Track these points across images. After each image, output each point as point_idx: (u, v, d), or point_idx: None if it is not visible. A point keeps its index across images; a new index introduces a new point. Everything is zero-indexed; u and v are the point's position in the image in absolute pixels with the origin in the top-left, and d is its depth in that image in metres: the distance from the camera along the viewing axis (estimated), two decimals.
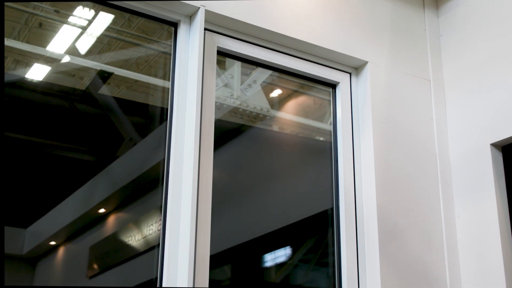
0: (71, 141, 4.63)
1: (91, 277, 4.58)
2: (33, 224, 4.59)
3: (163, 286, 2.48)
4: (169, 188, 2.60)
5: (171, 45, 2.81)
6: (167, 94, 2.78)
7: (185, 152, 2.63)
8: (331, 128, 3.20)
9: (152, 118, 4.00)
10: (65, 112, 4.43)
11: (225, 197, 3.60)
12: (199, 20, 2.71)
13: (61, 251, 4.74)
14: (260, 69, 3.49)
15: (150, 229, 4.15)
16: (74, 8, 3.54)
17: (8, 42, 3.65)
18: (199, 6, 2.72)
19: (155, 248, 3.54)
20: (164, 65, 3.19)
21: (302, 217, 3.68)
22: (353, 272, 2.95)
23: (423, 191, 3.10)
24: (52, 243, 4.72)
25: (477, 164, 3.04)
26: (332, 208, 3.07)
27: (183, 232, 2.54)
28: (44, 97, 4.24)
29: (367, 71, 3.15)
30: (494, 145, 3.02)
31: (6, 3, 2.87)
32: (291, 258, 4.04)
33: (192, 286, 2.44)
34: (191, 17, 2.78)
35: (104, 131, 4.68)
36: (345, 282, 2.94)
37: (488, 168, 2.99)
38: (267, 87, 3.77)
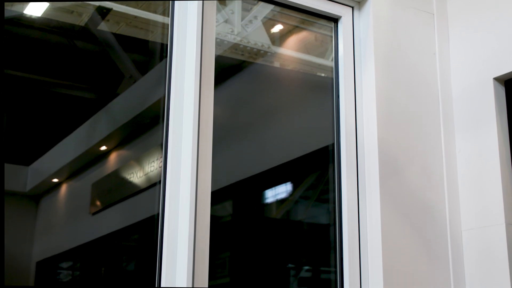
0: (70, 78, 4.60)
1: (94, 214, 4.63)
2: (35, 161, 4.60)
3: (164, 222, 2.50)
4: (170, 125, 2.59)
5: None
6: (167, 30, 2.75)
7: (186, 89, 2.62)
8: (332, 64, 3.17)
9: (152, 54, 3.97)
10: (64, 49, 4.39)
11: (226, 134, 3.61)
12: None
13: (63, 188, 4.77)
14: (261, 4, 3.44)
15: (152, 166, 4.16)
16: None
17: None
18: None
19: (156, 185, 3.57)
20: (164, 1, 3.15)
21: (303, 153, 3.69)
22: (353, 208, 2.97)
23: (424, 126, 3.10)
24: (55, 180, 4.74)
25: (479, 99, 3.03)
26: (333, 144, 3.07)
27: (184, 168, 2.55)
28: (43, 34, 4.20)
29: (369, 5, 3.10)
30: (497, 79, 3.00)
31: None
32: (291, 194, 4.07)
33: (193, 222, 2.46)
34: None
35: (104, 68, 4.65)
36: (345, 218, 2.96)
37: (490, 102, 2.97)
38: (268, 23, 3.73)
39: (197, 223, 2.49)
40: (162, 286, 2.44)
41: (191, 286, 2.41)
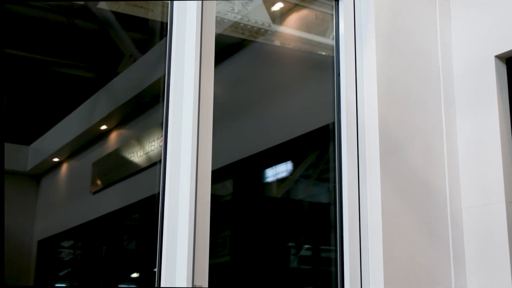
0: (70, 57, 4.58)
1: (94, 193, 4.63)
2: (35, 141, 4.60)
3: (165, 201, 2.51)
4: (170, 104, 2.59)
5: None
6: (167, 8, 2.73)
7: (186, 68, 2.61)
8: (333, 42, 3.16)
9: (152, 33, 3.95)
10: (64, 27, 4.37)
11: (226, 112, 3.60)
12: None
13: (64, 167, 4.77)
14: None
15: (152, 145, 4.16)
16: None
17: None
18: None
19: (157, 164, 3.57)
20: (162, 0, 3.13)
21: (303, 132, 3.69)
22: (353, 187, 2.97)
23: (425, 105, 3.09)
24: (55, 159, 4.74)
25: (481, 77, 3.02)
26: (333, 123, 3.07)
27: (184, 148, 2.55)
28: (42, 13, 4.18)
29: None
30: (499, 57, 2.99)
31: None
32: (292, 173, 4.07)
33: (194, 201, 2.47)
34: None
35: (104, 47, 4.63)
36: (345, 196, 2.97)
37: (491, 80, 2.97)
38: (269, 1, 3.71)
39: (197, 202, 2.49)
40: (162, 266, 2.45)
41: (192, 266, 2.42)
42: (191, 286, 2.39)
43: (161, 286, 2.44)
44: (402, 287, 2.86)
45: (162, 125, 2.62)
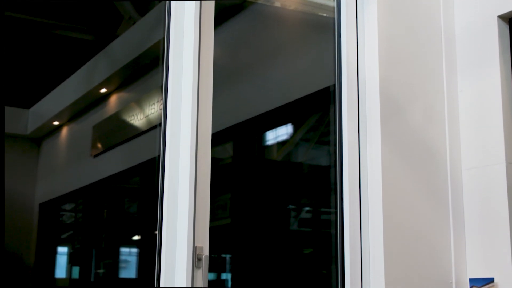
0: (70, 20, 4.55)
1: (95, 156, 4.64)
2: (35, 104, 4.60)
3: (165, 164, 2.51)
4: (170, 67, 2.57)
5: None
6: None
7: (186, 30, 2.59)
8: (334, 3, 3.13)
9: None
10: None
11: (226, 75, 3.58)
12: None
13: (64, 130, 4.77)
14: None
15: (152, 108, 4.15)
16: None
17: None
18: None
19: (157, 127, 3.56)
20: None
21: (304, 94, 3.67)
22: (354, 149, 2.97)
23: (426, 65, 3.08)
24: (56, 123, 4.74)
25: (483, 37, 2.99)
26: (334, 85, 3.05)
27: (184, 110, 2.54)
28: None
29: None
30: (501, 17, 2.95)
31: None
32: (292, 136, 4.07)
33: (194, 164, 2.47)
34: None
35: (103, 9, 4.59)
36: (345, 159, 2.97)
37: (493, 40, 2.94)
38: None
39: (197, 165, 2.49)
40: (163, 228, 2.47)
41: (192, 227, 2.43)
42: (192, 247, 2.41)
43: (162, 248, 2.46)
44: (402, 247, 2.87)
45: (162, 88, 2.61)
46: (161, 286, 2.43)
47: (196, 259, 2.42)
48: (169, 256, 2.44)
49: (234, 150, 4.04)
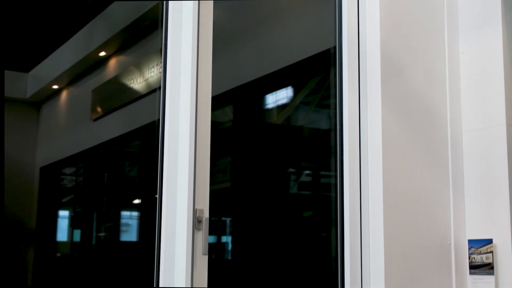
0: None
1: (95, 120, 4.64)
2: (34, 68, 4.58)
3: (165, 128, 2.51)
4: (169, 30, 2.55)
5: None
6: None
7: None
8: None
9: None
10: None
11: (226, 37, 3.55)
12: None
13: (64, 94, 4.76)
14: None
15: (152, 71, 4.13)
16: None
17: None
18: None
19: (156, 90, 3.55)
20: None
21: (304, 57, 3.65)
22: (354, 112, 2.97)
23: (428, 27, 3.05)
24: (55, 87, 4.73)
25: None
26: (334, 47, 3.04)
27: (184, 74, 2.53)
28: None
29: None
30: None
31: None
32: (292, 99, 4.06)
33: (194, 127, 2.46)
34: None
35: None
36: (346, 122, 2.96)
37: (496, 1, 2.92)
38: None
39: (197, 129, 2.49)
40: (163, 191, 2.47)
41: (193, 190, 2.44)
42: (192, 210, 2.42)
43: (163, 211, 2.47)
44: (401, 209, 2.89)
45: (161, 51, 2.60)
46: (161, 249, 2.45)
47: (196, 222, 2.43)
48: (169, 218, 2.45)
49: (234, 113, 4.03)
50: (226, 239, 3.88)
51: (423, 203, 2.95)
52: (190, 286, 2.38)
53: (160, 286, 2.44)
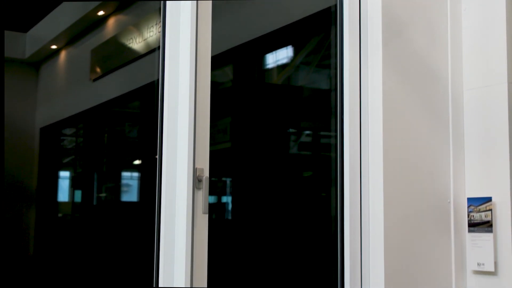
0: None
1: (94, 80, 4.62)
2: (32, 28, 4.53)
3: (164, 88, 2.50)
4: None
5: None
6: None
7: None
8: None
9: None
10: None
11: None
12: None
13: (63, 54, 4.72)
14: None
15: (151, 31, 4.10)
16: None
17: None
18: None
19: (156, 50, 3.53)
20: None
21: (304, 15, 3.62)
22: (355, 71, 2.96)
23: None
24: (54, 47, 4.69)
25: None
26: (335, 5, 3.01)
27: (183, 33, 2.52)
28: None
29: None
30: None
31: None
32: (292, 59, 4.03)
33: (193, 87, 2.46)
34: None
35: None
36: (346, 82, 2.96)
37: None
38: None
39: (197, 89, 2.48)
40: (163, 151, 2.48)
41: (193, 150, 2.44)
42: (192, 169, 2.43)
43: (163, 170, 2.47)
44: (401, 169, 2.90)
45: (160, 11, 2.57)
46: (162, 208, 2.47)
47: (196, 181, 2.44)
48: (169, 178, 2.46)
49: (234, 73, 4.02)
50: (226, 199, 3.90)
51: (423, 162, 2.95)
52: (190, 245, 2.40)
53: (161, 245, 2.46)
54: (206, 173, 2.48)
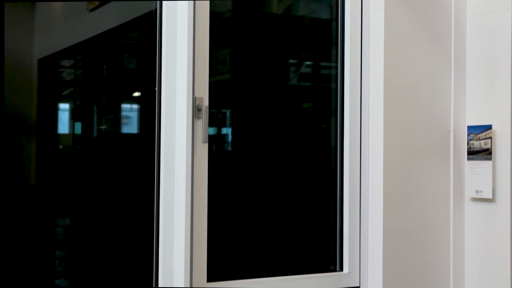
0: None
1: (91, 10, 4.56)
2: None
3: (163, 16, 2.47)
4: None
5: None
6: None
7: None
8: None
9: None
10: None
11: None
12: None
13: None
14: None
15: None
16: None
17: None
18: None
19: None
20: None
21: None
22: (356, 2, 2.92)
23: None
24: None
25: None
26: None
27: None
28: None
29: None
30: None
31: None
32: None
33: (192, 14, 2.43)
34: None
35: None
36: (347, 11, 2.93)
37: None
38: None
39: (196, 19, 2.46)
40: (162, 84, 2.47)
41: (192, 79, 2.43)
42: (191, 98, 2.43)
43: (162, 101, 2.47)
44: (402, 96, 2.90)
45: None
46: (161, 138, 2.47)
47: (196, 110, 2.44)
48: (169, 108, 2.46)
49: (234, 3, 3.96)
50: (226, 130, 3.91)
51: (424, 89, 2.95)
52: (191, 174, 2.42)
53: (161, 173, 2.48)
54: (206, 102, 2.48)
